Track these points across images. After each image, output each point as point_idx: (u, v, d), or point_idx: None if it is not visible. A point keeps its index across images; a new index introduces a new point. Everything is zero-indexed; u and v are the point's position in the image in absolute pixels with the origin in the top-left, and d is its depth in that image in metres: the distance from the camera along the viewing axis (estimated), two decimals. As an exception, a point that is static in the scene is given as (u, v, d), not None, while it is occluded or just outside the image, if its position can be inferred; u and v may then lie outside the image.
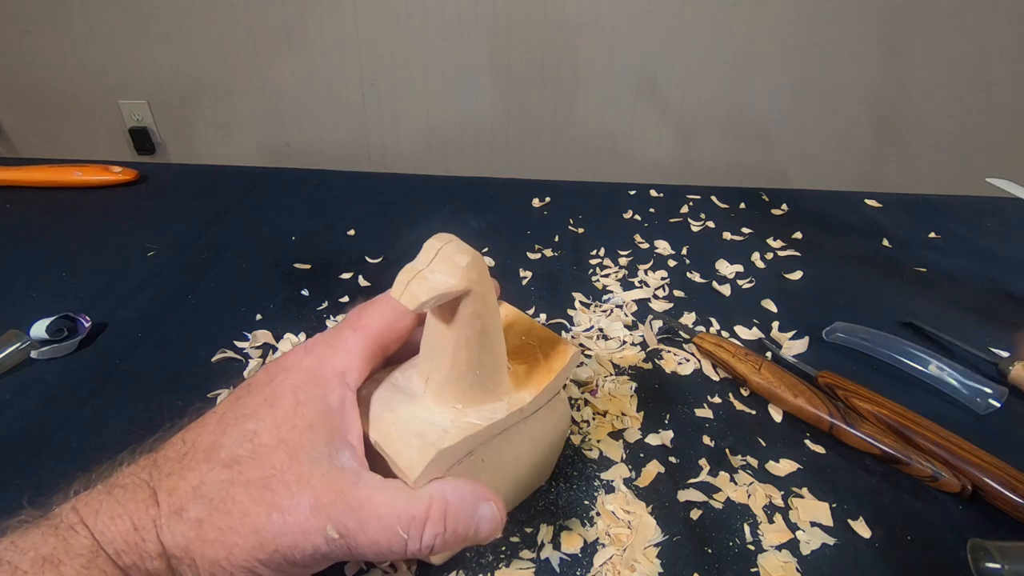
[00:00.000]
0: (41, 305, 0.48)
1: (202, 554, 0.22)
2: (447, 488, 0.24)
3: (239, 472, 0.23)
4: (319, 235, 0.60)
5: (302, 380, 0.25)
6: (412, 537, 0.23)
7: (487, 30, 1.30)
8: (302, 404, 0.24)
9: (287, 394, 0.25)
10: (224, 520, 0.22)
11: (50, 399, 0.40)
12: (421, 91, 1.38)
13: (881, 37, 1.28)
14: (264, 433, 0.24)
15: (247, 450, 0.23)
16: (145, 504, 0.22)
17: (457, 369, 0.26)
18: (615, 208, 0.66)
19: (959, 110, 1.34)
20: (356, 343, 0.27)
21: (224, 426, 0.24)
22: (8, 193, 0.66)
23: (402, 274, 0.24)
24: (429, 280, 0.23)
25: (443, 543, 0.24)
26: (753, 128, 1.40)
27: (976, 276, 0.56)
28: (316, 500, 0.22)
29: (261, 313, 0.48)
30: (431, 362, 0.27)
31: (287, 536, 0.22)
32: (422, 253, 0.24)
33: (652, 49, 1.31)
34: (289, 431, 0.24)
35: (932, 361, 0.43)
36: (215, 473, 0.23)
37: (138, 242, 0.57)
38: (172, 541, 0.22)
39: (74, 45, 1.37)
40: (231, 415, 0.25)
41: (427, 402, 0.27)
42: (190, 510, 0.22)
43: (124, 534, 0.22)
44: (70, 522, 0.22)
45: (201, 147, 1.50)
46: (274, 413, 0.24)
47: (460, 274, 0.23)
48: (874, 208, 0.69)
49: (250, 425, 0.24)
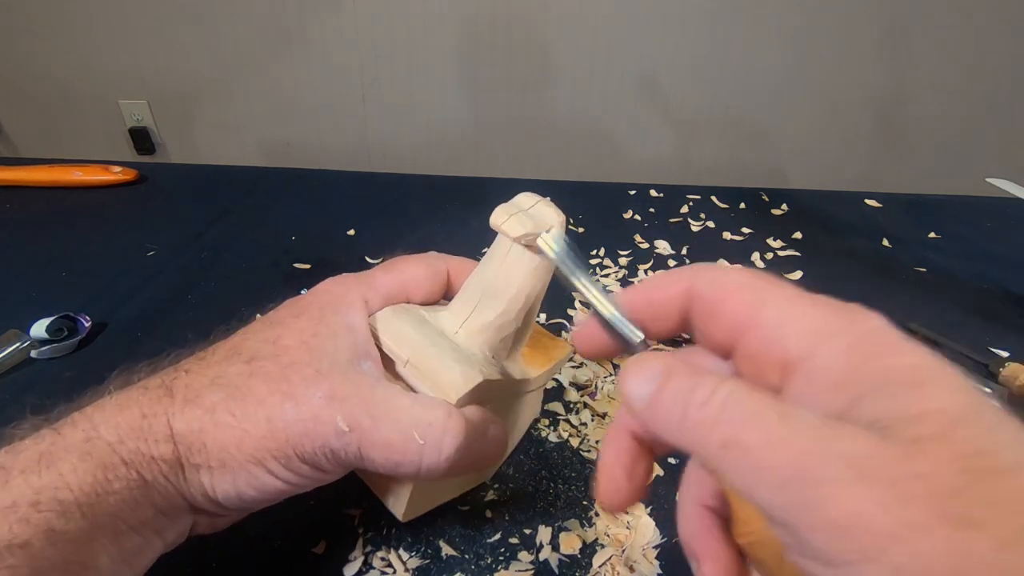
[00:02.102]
0: (41, 305, 0.48)
1: (214, 439, 0.22)
2: (468, 410, 0.24)
3: (259, 365, 0.23)
4: (319, 235, 0.60)
5: (328, 299, 0.26)
6: (429, 444, 0.22)
7: (488, 30, 1.30)
8: (326, 318, 0.25)
9: (313, 308, 0.25)
10: (238, 406, 0.22)
11: (50, 399, 0.40)
12: (421, 91, 1.38)
13: (881, 37, 1.28)
14: (287, 336, 0.24)
15: (269, 350, 0.24)
16: (158, 396, 0.22)
17: (505, 316, 0.26)
18: (615, 208, 0.66)
19: (959, 110, 1.34)
20: (384, 283, 0.27)
21: (248, 333, 0.25)
22: (8, 193, 0.66)
23: (501, 208, 0.25)
24: (532, 219, 0.24)
25: (458, 457, 0.23)
26: (753, 128, 1.40)
27: (976, 276, 0.56)
28: (331, 392, 0.22)
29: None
30: (478, 305, 0.27)
31: (298, 425, 0.22)
32: (520, 199, 0.26)
33: (652, 49, 1.31)
34: (312, 336, 0.24)
35: (932, 361, 0.43)
36: (234, 367, 0.23)
37: (138, 242, 0.57)
38: (184, 426, 0.22)
39: (74, 45, 1.37)
40: (257, 325, 0.26)
41: (459, 342, 0.27)
42: (205, 397, 0.22)
43: (129, 421, 0.21)
44: (72, 419, 0.22)
45: (201, 147, 1.50)
46: (298, 321, 0.25)
47: (558, 224, 0.25)
48: (874, 208, 0.69)
49: (274, 330, 0.25)
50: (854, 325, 0.16)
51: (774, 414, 0.15)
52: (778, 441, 0.14)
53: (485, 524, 0.32)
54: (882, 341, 0.15)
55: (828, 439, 0.14)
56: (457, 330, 0.27)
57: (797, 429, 0.14)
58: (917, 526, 0.12)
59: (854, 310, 0.16)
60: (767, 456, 0.14)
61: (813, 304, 0.16)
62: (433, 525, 0.32)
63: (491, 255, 0.27)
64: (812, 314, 0.16)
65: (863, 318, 0.16)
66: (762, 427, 0.15)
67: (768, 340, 0.16)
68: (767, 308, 0.17)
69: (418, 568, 0.30)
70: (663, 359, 0.18)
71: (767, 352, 0.16)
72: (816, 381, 0.15)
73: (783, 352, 0.16)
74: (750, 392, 0.15)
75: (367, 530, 0.31)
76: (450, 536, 0.31)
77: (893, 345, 0.15)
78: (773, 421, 0.15)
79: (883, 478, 0.13)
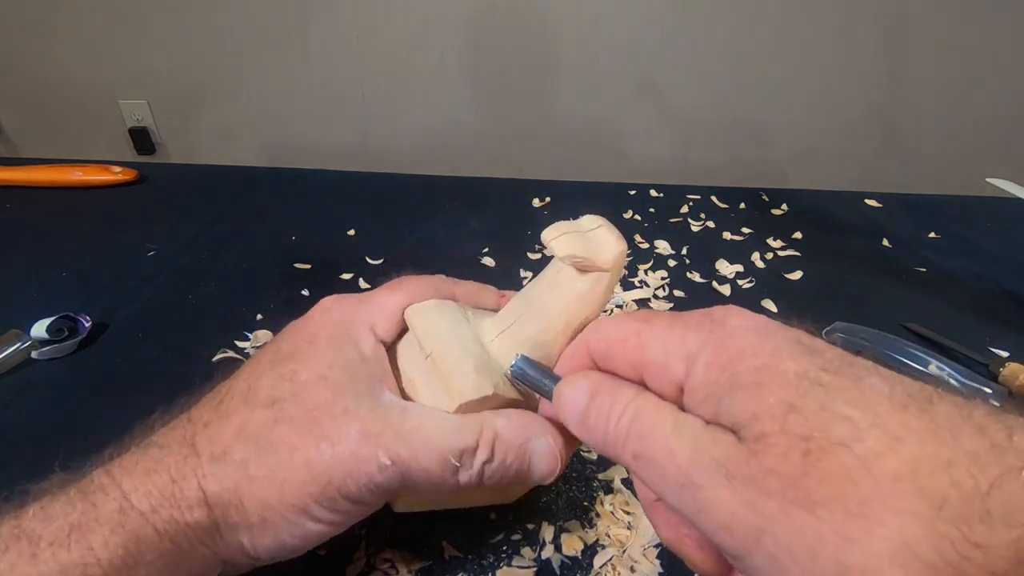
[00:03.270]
0: (41, 305, 0.48)
1: (251, 495, 0.21)
2: (499, 420, 0.24)
3: (281, 410, 0.22)
4: (319, 235, 0.60)
5: (336, 325, 0.25)
6: (464, 465, 0.23)
7: (488, 31, 1.30)
8: (339, 347, 0.24)
9: (323, 335, 0.24)
10: (272, 457, 0.21)
11: (51, 399, 0.40)
12: (421, 91, 1.38)
13: (881, 37, 1.28)
14: (303, 371, 0.23)
15: (287, 389, 0.23)
16: (183, 455, 0.21)
17: (543, 335, 0.25)
18: (615, 208, 0.66)
19: (959, 110, 1.34)
20: (390, 304, 0.26)
21: (260, 370, 0.24)
22: (8, 193, 0.66)
23: (558, 225, 0.24)
24: (588, 242, 0.24)
25: (492, 473, 0.23)
26: (753, 128, 1.40)
27: (976, 276, 0.56)
28: (365, 429, 0.22)
29: (262, 313, 0.48)
30: (520, 318, 0.26)
31: (340, 466, 0.21)
32: (583, 220, 0.25)
33: (652, 49, 1.31)
34: (328, 368, 0.23)
35: (932, 361, 0.43)
36: (256, 414, 0.22)
37: (138, 242, 0.57)
38: (217, 486, 0.21)
39: (74, 45, 1.37)
40: (266, 359, 0.24)
41: (492, 350, 0.26)
42: (234, 452, 0.21)
43: (160, 487, 0.21)
44: (101, 484, 0.21)
45: (201, 147, 1.50)
46: (313, 350, 0.24)
47: (615, 252, 0.24)
48: (874, 208, 0.69)
49: (288, 366, 0.23)
50: (713, 336, 0.18)
51: (669, 425, 0.18)
52: (672, 451, 0.17)
53: (487, 525, 0.32)
54: (733, 349, 0.17)
55: (703, 445, 0.16)
56: (494, 338, 0.26)
57: (683, 438, 0.17)
58: (775, 517, 0.14)
59: (715, 321, 0.18)
60: (666, 466, 0.17)
61: (684, 328, 0.19)
62: (435, 526, 0.32)
63: (546, 269, 0.26)
64: (684, 338, 0.18)
65: (720, 329, 0.18)
66: (660, 439, 0.17)
67: (660, 373, 0.19)
68: (650, 348, 0.19)
69: (420, 569, 0.30)
70: (591, 378, 0.21)
71: (664, 381, 0.19)
72: (695, 396, 0.18)
73: (673, 378, 0.18)
74: (654, 406, 0.18)
75: (369, 531, 0.31)
76: (453, 536, 0.31)
77: (740, 351, 0.17)
78: (668, 432, 0.17)
79: (742, 477, 0.15)
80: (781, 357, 0.16)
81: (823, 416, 0.15)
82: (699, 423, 0.17)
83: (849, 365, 0.16)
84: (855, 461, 0.14)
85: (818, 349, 0.17)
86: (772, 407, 0.15)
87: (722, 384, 0.17)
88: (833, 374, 0.16)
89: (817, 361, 0.16)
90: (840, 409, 0.15)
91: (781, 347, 0.17)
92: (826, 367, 0.16)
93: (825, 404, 0.15)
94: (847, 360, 0.16)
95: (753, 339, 0.17)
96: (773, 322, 0.18)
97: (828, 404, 0.15)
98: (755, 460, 0.15)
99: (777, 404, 0.15)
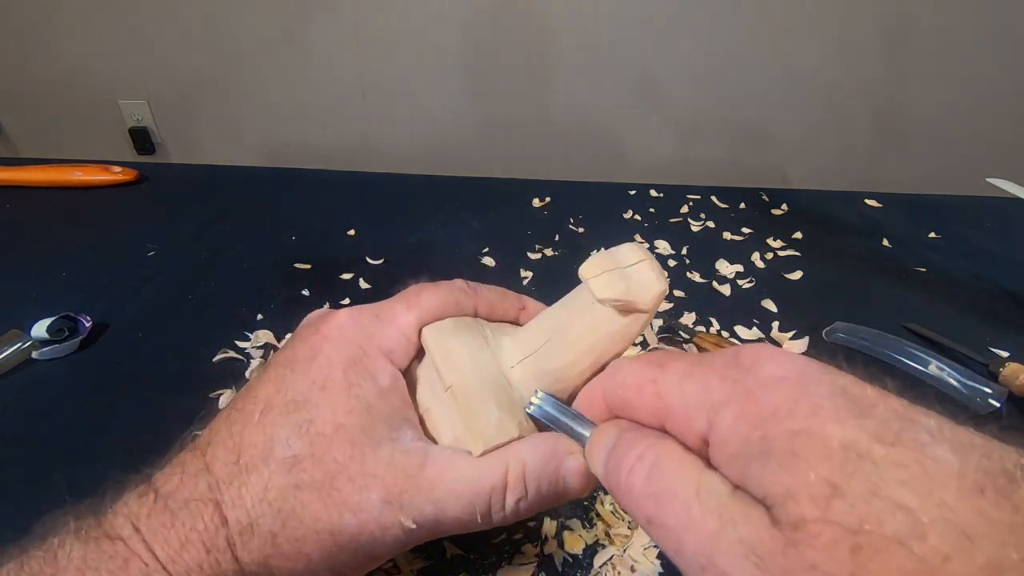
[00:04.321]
0: (42, 305, 0.48)
1: (280, 567, 0.21)
2: (523, 449, 0.22)
3: (302, 472, 0.21)
4: (319, 235, 0.60)
5: (350, 355, 0.23)
6: (495, 508, 0.22)
7: (488, 31, 1.30)
8: (355, 385, 0.22)
9: (337, 373, 0.23)
10: (298, 529, 0.21)
11: (52, 399, 0.40)
12: (421, 91, 1.38)
13: (881, 37, 1.28)
14: (319, 420, 0.22)
15: (305, 444, 0.21)
16: (213, 523, 0.21)
17: (568, 370, 0.23)
18: (615, 208, 0.66)
19: (959, 110, 1.34)
20: (408, 322, 0.24)
21: (273, 416, 0.22)
22: (8, 193, 0.66)
23: (599, 258, 0.22)
24: (627, 281, 0.22)
25: (528, 507, 0.22)
26: (753, 128, 1.40)
27: (976, 276, 0.57)
28: (386, 492, 0.21)
29: (262, 313, 0.48)
30: (544, 346, 0.24)
31: (365, 535, 0.21)
32: (623, 252, 0.23)
33: (652, 49, 1.31)
34: (346, 415, 0.22)
35: (932, 361, 0.43)
36: (277, 478, 0.21)
37: (138, 242, 0.57)
38: (249, 558, 0.21)
39: (74, 45, 1.37)
40: (278, 401, 0.22)
41: (512, 377, 0.24)
42: (261, 523, 0.21)
43: (198, 560, 0.20)
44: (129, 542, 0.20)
45: (201, 147, 1.50)
46: (327, 397, 0.22)
47: (655, 293, 0.22)
48: (874, 208, 0.69)
49: (303, 414, 0.22)
50: (740, 387, 0.16)
51: (692, 487, 0.15)
52: (694, 522, 0.15)
53: (486, 524, 0.32)
54: (765, 404, 0.15)
55: (730, 519, 0.14)
56: (515, 364, 0.24)
57: (707, 508, 0.15)
58: None
59: (744, 367, 0.16)
60: (685, 539, 0.15)
61: (708, 373, 0.17)
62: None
63: (576, 296, 0.24)
64: (706, 385, 0.16)
65: (749, 377, 0.16)
66: (680, 505, 0.15)
67: (680, 423, 0.17)
68: (668, 395, 0.17)
69: (422, 569, 0.30)
70: (618, 426, 0.19)
71: (685, 431, 0.17)
72: (721, 453, 0.16)
73: (695, 429, 0.16)
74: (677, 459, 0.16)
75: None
76: (455, 536, 0.31)
77: (773, 408, 0.15)
78: (691, 497, 0.15)
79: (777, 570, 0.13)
80: (823, 419, 0.14)
81: (875, 503, 0.12)
82: (726, 488, 0.15)
83: (908, 427, 0.14)
84: (916, 565, 0.11)
85: (869, 405, 0.14)
86: (812, 486, 0.13)
87: (752, 444, 0.15)
88: (888, 444, 0.13)
89: (868, 425, 0.14)
90: (896, 494, 0.12)
91: (823, 405, 0.14)
92: (879, 434, 0.13)
93: (878, 486, 0.12)
94: (906, 420, 0.14)
95: (789, 392, 0.15)
96: (813, 366, 0.16)
97: (881, 486, 0.12)
98: (794, 552, 0.13)
99: (818, 483, 0.13)
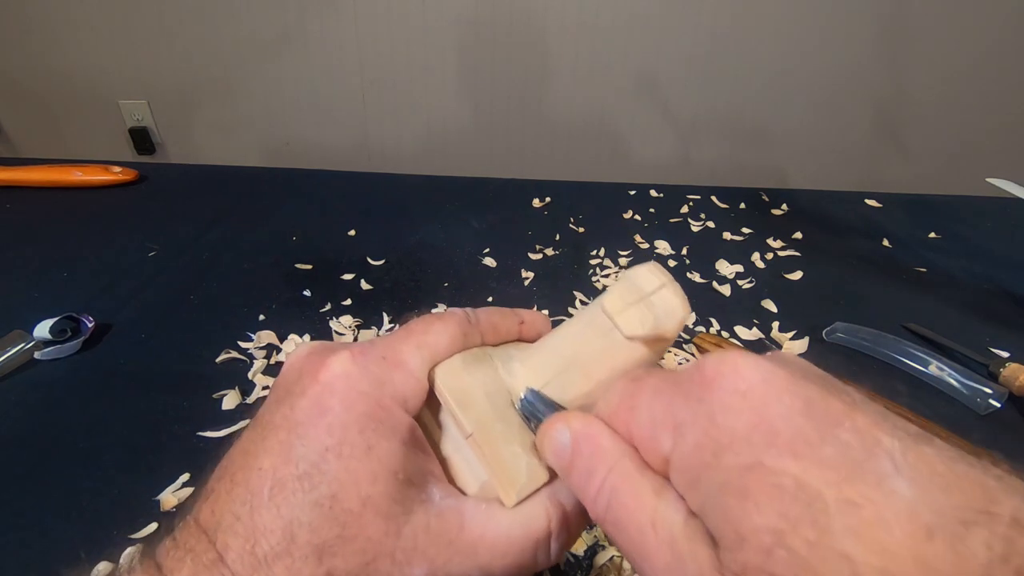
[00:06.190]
0: (44, 305, 0.48)
1: None
2: (560, 491, 0.21)
3: (334, 558, 0.19)
4: (320, 235, 0.60)
5: (364, 411, 0.21)
6: (541, 557, 0.21)
7: (488, 30, 1.31)
8: (375, 447, 0.20)
9: (353, 435, 0.20)
10: None
11: (54, 400, 0.40)
12: (421, 91, 1.38)
13: (881, 37, 1.28)
14: (343, 495, 0.20)
15: (332, 526, 0.19)
16: None
17: (587, 400, 0.22)
18: (615, 208, 0.66)
19: (959, 110, 1.35)
20: (419, 365, 0.23)
21: (286, 494, 0.20)
22: (8, 193, 0.66)
23: (620, 288, 0.21)
24: (654, 313, 0.21)
25: (572, 544, 0.22)
26: (753, 128, 1.40)
27: (976, 276, 0.57)
28: (430, 565, 0.20)
29: (264, 313, 0.48)
30: (561, 374, 0.23)
31: None
32: (643, 277, 0.21)
33: (652, 49, 1.31)
34: (371, 484, 0.20)
35: (932, 361, 0.43)
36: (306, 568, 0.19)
37: (139, 242, 0.57)
38: None
39: (74, 45, 1.37)
40: (288, 474, 0.20)
41: None
42: None
43: None
44: None
45: (201, 147, 1.50)
46: (347, 465, 0.20)
47: (679, 321, 0.21)
48: (874, 208, 0.69)
49: (322, 489, 0.20)
50: (702, 407, 0.16)
51: (647, 516, 0.16)
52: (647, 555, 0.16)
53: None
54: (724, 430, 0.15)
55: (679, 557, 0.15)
56: None
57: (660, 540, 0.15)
58: None
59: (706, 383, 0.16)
60: (642, 567, 0.16)
61: (674, 391, 0.17)
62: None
63: (592, 321, 0.22)
64: (671, 403, 0.17)
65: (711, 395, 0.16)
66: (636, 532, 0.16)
67: (646, 442, 0.17)
68: (638, 414, 0.18)
69: (421, 568, 0.30)
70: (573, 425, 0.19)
71: (650, 450, 0.17)
72: (681, 477, 0.16)
73: (659, 449, 0.17)
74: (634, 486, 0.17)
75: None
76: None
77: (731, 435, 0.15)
78: (646, 525, 0.16)
79: None
80: (779, 450, 0.14)
81: (817, 554, 0.12)
82: (680, 518, 0.15)
83: (870, 456, 0.13)
84: None
85: (832, 425, 0.14)
86: (759, 531, 0.13)
87: (709, 474, 0.15)
88: (844, 478, 0.13)
89: (827, 454, 0.13)
90: (840, 544, 0.12)
91: (780, 431, 0.14)
92: (836, 466, 0.13)
93: (824, 533, 0.12)
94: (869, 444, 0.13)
95: (747, 417, 0.14)
96: (779, 375, 0.15)
97: (826, 534, 0.12)
98: None
99: (765, 530, 0.13)
